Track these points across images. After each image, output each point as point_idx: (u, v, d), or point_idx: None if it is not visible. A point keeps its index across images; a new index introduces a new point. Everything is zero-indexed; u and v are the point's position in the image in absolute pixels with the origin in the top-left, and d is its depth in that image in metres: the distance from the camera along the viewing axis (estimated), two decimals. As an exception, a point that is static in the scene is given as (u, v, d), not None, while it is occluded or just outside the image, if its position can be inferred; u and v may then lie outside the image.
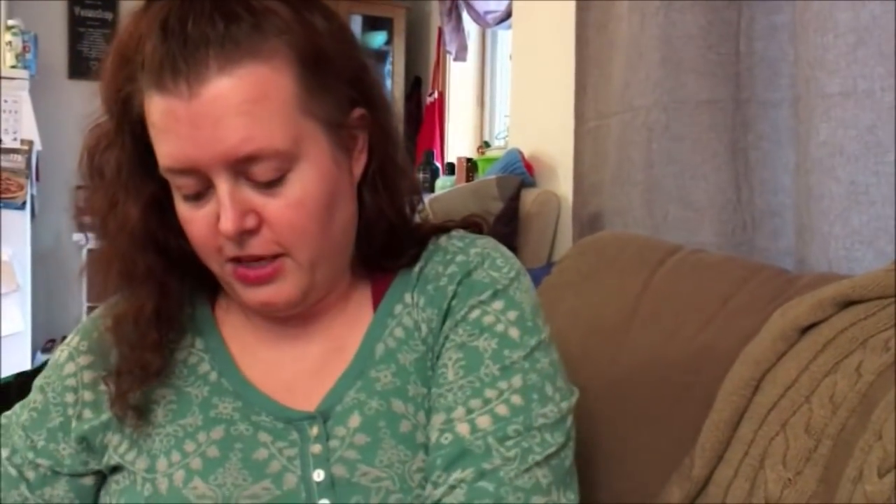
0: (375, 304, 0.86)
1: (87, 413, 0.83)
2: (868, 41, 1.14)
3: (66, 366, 0.85)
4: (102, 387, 0.82)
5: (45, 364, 0.90)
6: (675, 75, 1.51)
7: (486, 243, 0.87)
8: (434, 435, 0.77)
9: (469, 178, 3.35)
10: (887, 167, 1.13)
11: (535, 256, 2.39)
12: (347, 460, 0.77)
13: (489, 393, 0.77)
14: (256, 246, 0.75)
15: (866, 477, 0.66)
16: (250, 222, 0.74)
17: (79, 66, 4.57)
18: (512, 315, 0.81)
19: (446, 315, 0.82)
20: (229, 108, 0.70)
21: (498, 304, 0.82)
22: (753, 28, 1.41)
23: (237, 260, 0.76)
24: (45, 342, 4.34)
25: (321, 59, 0.75)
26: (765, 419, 0.79)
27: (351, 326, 0.85)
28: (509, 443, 0.74)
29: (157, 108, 0.72)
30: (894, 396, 0.69)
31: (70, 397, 0.84)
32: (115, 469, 0.82)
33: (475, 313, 0.81)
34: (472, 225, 0.91)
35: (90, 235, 0.86)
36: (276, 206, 0.74)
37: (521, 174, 2.53)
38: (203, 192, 0.74)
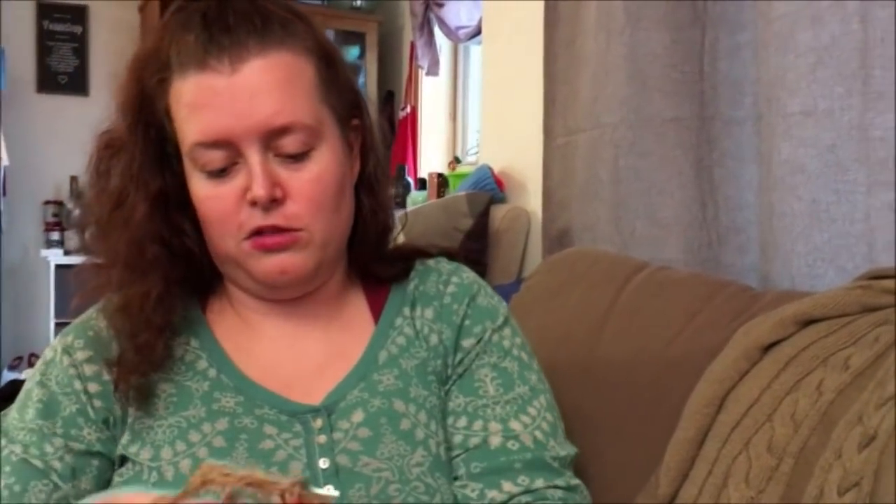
0: (375, 315, 0.93)
1: (98, 402, 0.84)
2: (827, 61, 1.16)
3: (63, 359, 0.86)
4: (105, 377, 0.83)
5: (13, 382, 0.90)
6: (641, 93, 1.53)
7: (468, 269, 0.98)
8: (496, 439, 0.86)
9: (440, 194, 3.35)
10: (847, 185, 1.14)
11: (505, 272, 2.39)
12: (350, 451, 0.82)
13: (531, 410, 0.88)
14: (279, 217, 0.81)
15: (827, 495, 0.67)
16: (277, 193, 0.81)
17: (47, 81, 4.52)
18: (518, 340, 0.94)
19: (460, 330, 0.91)
20: (264, 83, 0.79)
21: (507, 331, 0.93)
22: (717, 48, 1.43)
23: (258, 232, 0.81)
24: (11, 360, 4.26)
25: (331, 61, 0.86)
26: (728, 438, 0.80)
27: (350, 333, 0.91)
28: (569, 471, 0.87)
29: (194, 87, 0.80)
30: (853, 415, 0.70)
31: (78, 385, 0.84)
32: (121, 462, 0.84)
33: (496, 337, 0.92)
34: (448, 255, 1.00)
35: (80, 247, 0.91)
36: (299, 180, 0.81)
37: (491, 190, 2.54)
38: (228, 167, 0.81)
